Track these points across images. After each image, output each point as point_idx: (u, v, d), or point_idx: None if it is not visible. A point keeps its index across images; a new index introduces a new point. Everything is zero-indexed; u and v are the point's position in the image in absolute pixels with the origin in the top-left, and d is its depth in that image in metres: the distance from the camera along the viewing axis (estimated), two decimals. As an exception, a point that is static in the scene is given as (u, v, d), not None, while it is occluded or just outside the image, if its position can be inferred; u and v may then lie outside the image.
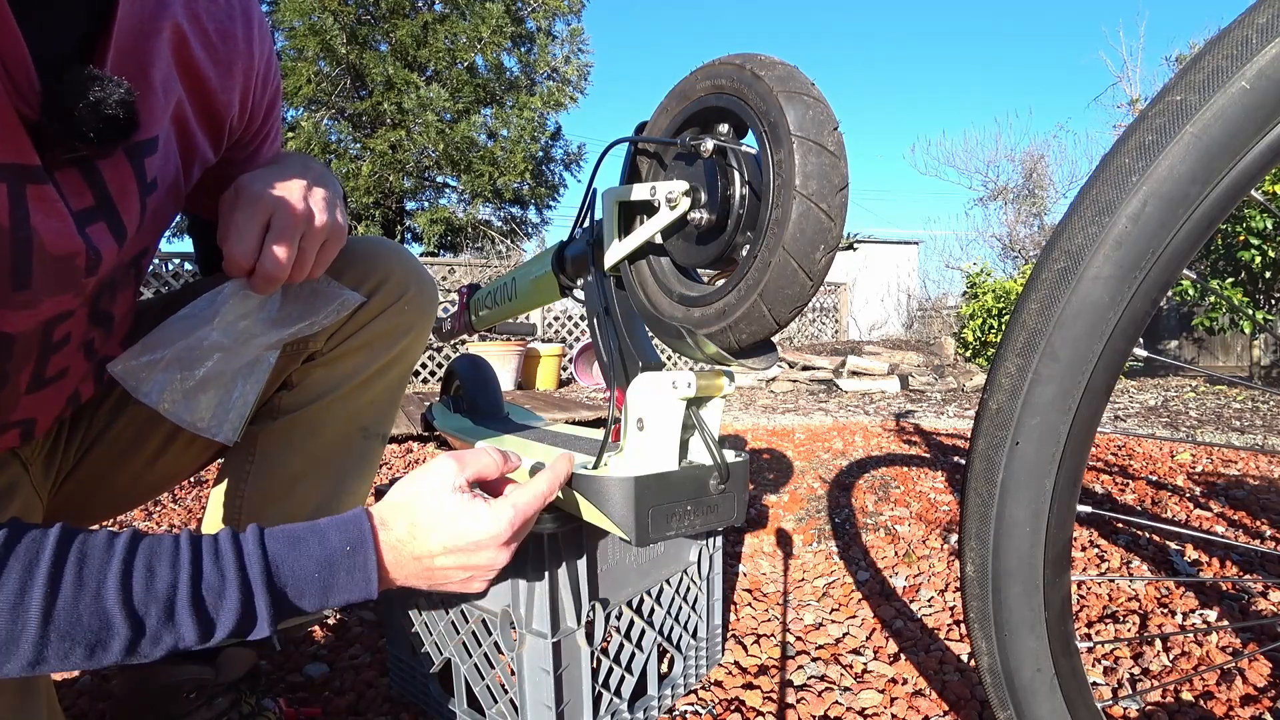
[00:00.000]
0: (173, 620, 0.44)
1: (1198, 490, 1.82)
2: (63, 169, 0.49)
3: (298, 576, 0.48)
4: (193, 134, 0.61)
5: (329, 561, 0.49)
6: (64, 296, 0.55)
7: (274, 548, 0.48)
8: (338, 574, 0.50)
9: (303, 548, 0.49)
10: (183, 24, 0.56)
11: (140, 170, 0.55)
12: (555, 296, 0.89)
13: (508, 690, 0.78)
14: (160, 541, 0.46)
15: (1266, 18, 0.36)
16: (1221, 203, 0.40)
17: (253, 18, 0.63)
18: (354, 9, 7.83)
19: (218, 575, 0.46)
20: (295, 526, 0.50)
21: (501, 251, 7.88)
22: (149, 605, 0.44)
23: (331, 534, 0.50)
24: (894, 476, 2.08)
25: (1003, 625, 0.51)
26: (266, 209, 0.60)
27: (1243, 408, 3.47)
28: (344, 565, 0.50)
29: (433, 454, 2.65)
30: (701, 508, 0.64)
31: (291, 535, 0.49)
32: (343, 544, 0.50)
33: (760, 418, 3.46)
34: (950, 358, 5.79)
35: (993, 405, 0.47)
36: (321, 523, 0.51)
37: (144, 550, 0.45)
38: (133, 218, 0.57)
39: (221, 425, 0.63)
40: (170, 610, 0.44)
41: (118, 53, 0.50)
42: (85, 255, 0.53)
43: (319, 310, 0.66)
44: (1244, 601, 1.14)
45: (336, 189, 0.67)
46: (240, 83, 0.63)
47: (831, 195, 0.48)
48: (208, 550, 0.46)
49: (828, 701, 0.93)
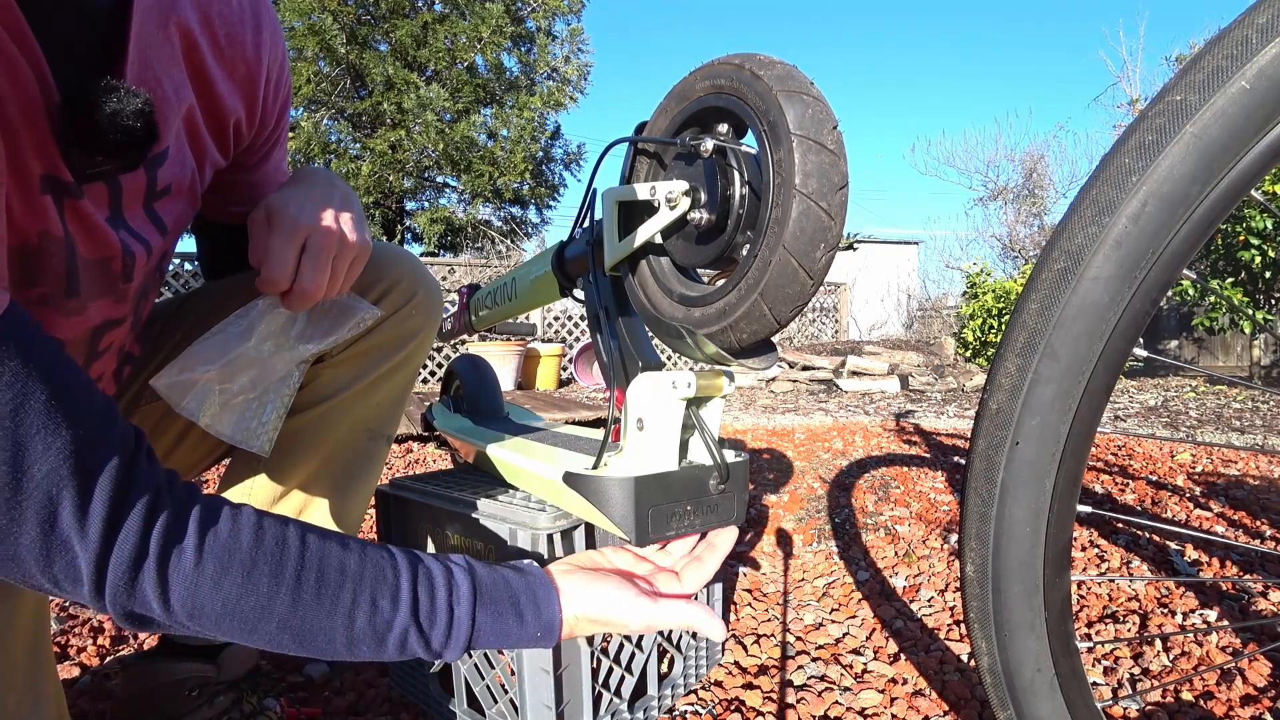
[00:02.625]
0: (381, 649, 0.46)
1: (1198, 490, 1.82)
2: (89, 181, 0.51)
3: (490, 640, 0.50)
4: (202, 138, 0.61)
5: (519, 637, 0.51)
6: (106, 301, 0.57)
7: (481, 619, 0.49)
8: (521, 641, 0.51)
9: (503, 624, 0.50)
10: (193, 29, 0.56)
11: (152, 179, 0.56)
12: (555, 296, 0.89)
13: (508, 690, 0.78)
14: (383, 575, 0.47)
15: (1266, 18, 0.36)
16: (1221, 203, 0.40)
17: (263, 24, 0.64)
18: (354, 9, 7.82)
19: (427, 632, 0.47)
20: (505, 602, 0.50)
21: (501, 251, 7.88)
22: (369, 636, 0.46)
23: (530, 620, 0.51)
24: (894, 476, 2.08)
25: (1003, 625, 0.51)
26: (303, 232, 0.61)
27: (1243, 408, 3.47)
28: (529, 638, 0.51)
29: (433, 454, 2.66)
30: (701, 508, 0.64)
31: (497, 610, 0.50)
32: (535, 631, 0.51)
33: (760, 418, 3.46)
34: (950, 358, 5.79)
35: (993, 405, 0.47)
36: (525, 609, 0.51)
37: (369, 580, 0.46)
38: (153, 225, 0.59)
39: (258, 437, 0.66)
40: (381, 645, 0.46)
41: (135, 61, 0.50)
42: (121, 260, 0.55)
43: (343, 325, 0.69)
44: (1244, 601, 1.14)
45: (359, 205, 0.69)
46: (247, 88, 0.64)
47: (831, 194, 0.48)
48: (424, 610, 0.47)
49: (828, 701, 0.93)
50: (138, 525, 0.39)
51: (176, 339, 0.75)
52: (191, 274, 4.75)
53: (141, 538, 0.39)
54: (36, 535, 0.37)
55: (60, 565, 0.38)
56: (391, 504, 0.95)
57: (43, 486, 0.36)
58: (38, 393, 0.36)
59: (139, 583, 0.39)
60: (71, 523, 0.37)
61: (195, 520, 0.42)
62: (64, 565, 0.38)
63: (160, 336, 0.76)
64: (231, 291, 0.74)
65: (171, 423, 0.76)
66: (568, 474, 0.66)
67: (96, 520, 0.38)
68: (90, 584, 0.38)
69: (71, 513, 0.37)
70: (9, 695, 0.55)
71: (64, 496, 0.37)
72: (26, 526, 0.36)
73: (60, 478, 0.37)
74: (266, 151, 0.72)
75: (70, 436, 0.37)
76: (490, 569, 0.51)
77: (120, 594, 0.39)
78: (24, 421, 0.36)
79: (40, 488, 0.36)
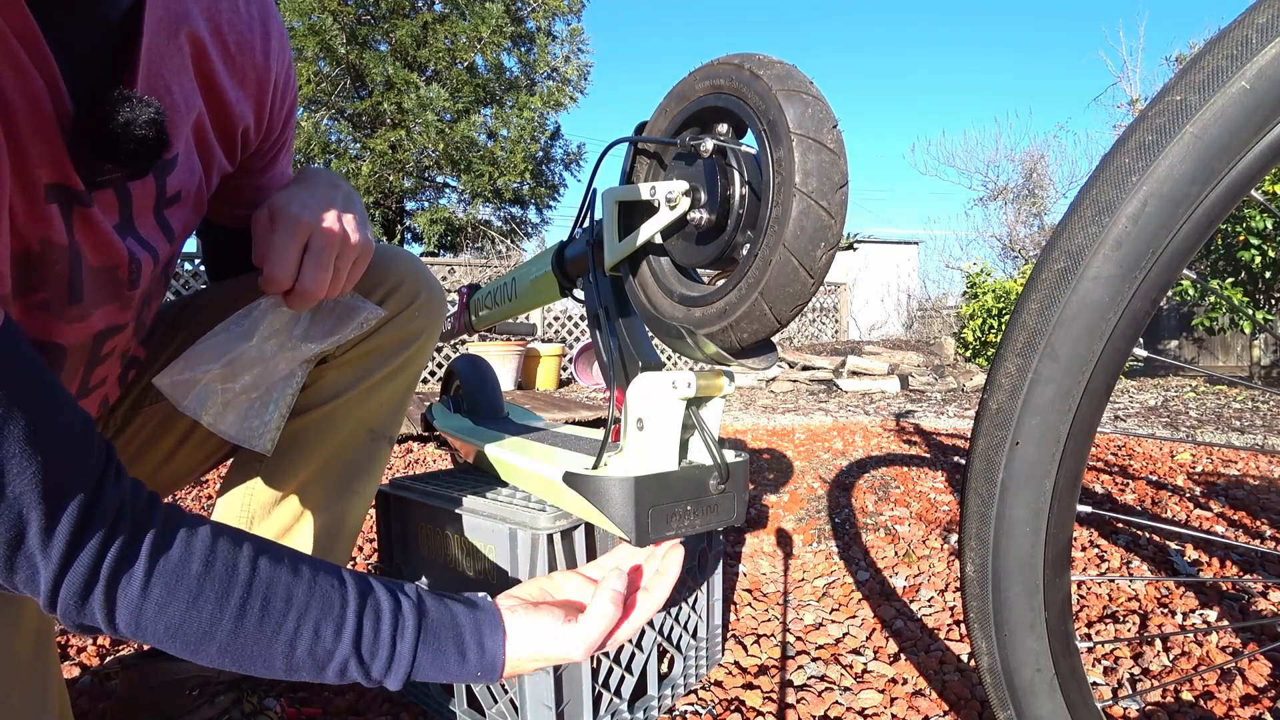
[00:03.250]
0: (320, 675, 0.48)
1: (1198, 490, 1.82)
2: (99, 189, 0.51)
3: (429, 674, 0.51)
4: (210, 145, 0.62)
5: (459, 674, 0.52)
6: (111, 308, 0.57)
7: (423, 656, 0.50)
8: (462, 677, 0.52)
9: (443, 660, 0.51)
10: (204, 37, 0.56)
11: (162, 187, 0.57)
12: (555, 296, 0.89)
13: (508, 690, 0.78)
14: (330, 605, 0.48)
15: (1266, 18, 0.36)
16: (1221, 203, 0.40)
17: (271, 31, 0.64)
18: (354, 9, 7.82)
19: (368, 663, 0.48)
20: (449, 639, 0.51)
21: (501, 251, 7.89)
22: (308, 663, 0.47)
23: (471, 659, 0.51)
24: (894, 476, 2.08)
25: (1003, 625, 0.51)
26: (305, 231, 0.61)
27: (1243, 408, 3.47)
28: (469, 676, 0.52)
29: (433, 454, 2.66)
30: (701, 508, 0.64)
31: (440, 647, 0.50)
32: (475, 670, 0.52)
33: (760, 418, 3.46)
34: (950, 358, 5.79)
35: (993, 405, 0.47)
36: (469, 648, 0.51)
37: (315, 609, 0.47)
38: (162, 232, 0.59)
39: (261, 436, 0.66)
40: (320, 671, 0.47)
41: (145, 70, 0.50)
42: (127, 268, 0.56)
43: (346, 325, 0.69)
44: (1244, 601, 1.14)
45: (362, 206, 0.69)
46: (256, 95, 0.64)
47: (832, 192, 0.48)
48: (367, 641, 0.48)
49: (828, 701, 0.93)
50: (94, 548, 0.41)
51: (180, 340, 0.75)
52: (192, 274, 4.75)
53: (95, 561, 0.41)
54: (3, 551, 0.39)
55: (22, 577, 0.40)
56: (391, 504, 0.95)
57: (14, 507, 0.38)
58: (19, 417, 0.38)
59: (89, 603, 0.42)
60: (36, 542, 0.39)
61: (148, 544, 0.43)
62: (25, 577, 0.40)
63: (164, 338, 0.76)
64: (236, 292, 0.74)
65: (175, 424, 0.76)
66: (568, 474, 0.66)
67: (60, 542, 0.40)
68: (45, 598, 0.41)
69: (37, 533, 0.39)
70: (14, 693, 0.55)
71: (32, 517, 0.39)
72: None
73: (31, 500, 0.39)
74: (273, 156, 0.72)
75: (45, 460, 0.39)
76: (440, 603, 0.52)
77: (71, 610, 0.41)
78: (4, 445, 0.37)
79: (11, 508, 0.38)
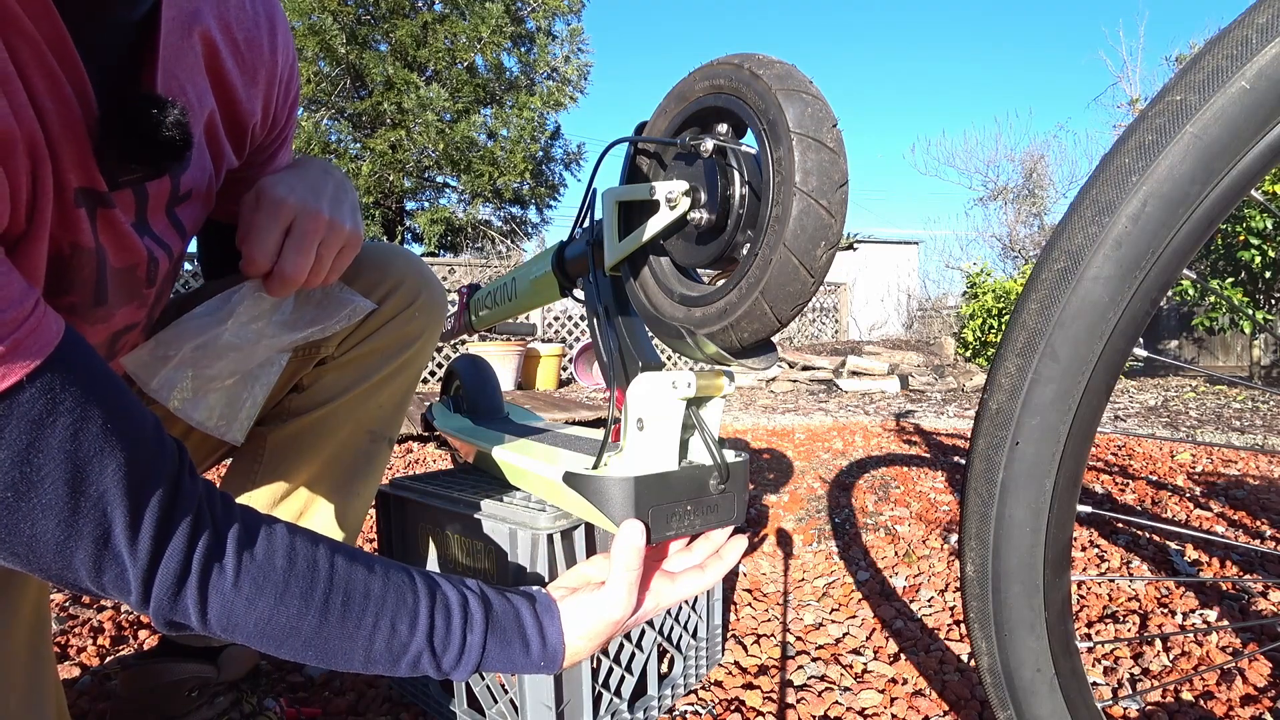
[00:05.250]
0: (394, 668, 0.49)
1: (1198, 490, 1.82)
2: (119, 189, 0.51)
3: (496, 665, 0.52)
4: (220, 142, 0.61)
5: (524, 664, 0.53)
6: (130, 307, 0.58)
7: (491, 646, 0.51)
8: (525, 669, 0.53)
9: (510, 651, 0.52)
10: (215, 36, 0.56)
11: (175, 185, 0.57)
12: (555, 296, 0.89)
13: (508, 690, 0.78)
14: (404, 600, 0.49)
15: (1266, 18, 0.36)
16: (1221, 203, 0.40)
17: (276, 26, 0.64)
18: (354, 9, 7.82)
19: (440, 655, 0.49)
20: (512, 629, 0.52)
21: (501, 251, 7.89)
22: (384, 656, 0.48)
23: (535, 650, 0.53)
24: (894, 476, 2.08)
25: (1003, 625, 0.51)
26: (289, 213, 0.61)
27: (1243, 408, 3.47)
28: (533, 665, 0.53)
29: (433, 454, 2.65)
30: (701, 508, 0.64)
31: (506, 638, 0.52)
32: (539, 659, 0.53)
33: (760, 418, 3.46)
34: (950, 358, 5.79)
35: (993, 405, 0.47)
36: (531, 638, 0.52)
37: (390, 604, 0.48)
38: (174, 229, 0.59)
39: (231, 425, 0.64)
40: (395, 664, 0.48)
41: (162, 71, 0.51)
42: (146, 266, 0.56)
43: (332, 316, 0.67)
44: (1244, 601, 1.14)
45: (354, 196, 0.68)
46: (264, 91, 0.64)
47: (832, 192, 0.48)
48: (440, 635, 0.49)
49: (828, 701, 0.93)
50: (182, 544, 0.41)
51: None
52: (191, 274, 4.75)
53: (185, 556, 0.41)
54: (91, 550, 0.39)
55: (110, 577, 0.40)
56: (391, 504, 0.95)
57: (99, 506, 0.38)
58: (96, 416, 0.38)
59: (181, 598, 0.42)
60: (123, 540, 0.39)
61: (234, 540, 0.44)
62: (114, 577, 0.40)
63: None
64: (228, 288, 0.74)
65: (170, 423, 0.76)
66: (568, 474, 0.66)
67: (146, 538, 0.40)
68: (138, 596, 0.41)
69: (123, 531, 0.39)
70: (10, 694, 0.55)
71: (117, 515, 0.39)
72: (83, 542, 0.38)
73: (114, 497, 0.38)
74: (275, 151, 0.72)
75: (124, 458, 0.39)
76: (502, 596, 0.53)
77: (164, 606, 0.41)
78: (83, 444, 0.37)
79: (96, 507, 0.38)
